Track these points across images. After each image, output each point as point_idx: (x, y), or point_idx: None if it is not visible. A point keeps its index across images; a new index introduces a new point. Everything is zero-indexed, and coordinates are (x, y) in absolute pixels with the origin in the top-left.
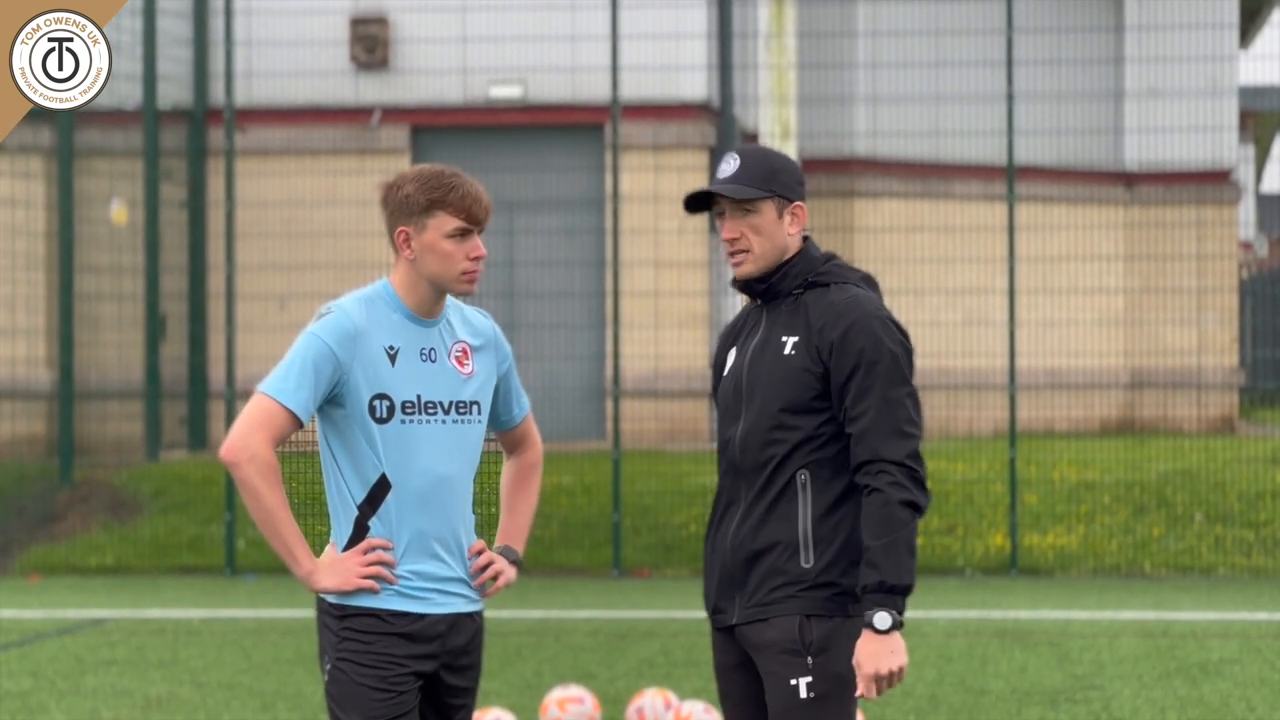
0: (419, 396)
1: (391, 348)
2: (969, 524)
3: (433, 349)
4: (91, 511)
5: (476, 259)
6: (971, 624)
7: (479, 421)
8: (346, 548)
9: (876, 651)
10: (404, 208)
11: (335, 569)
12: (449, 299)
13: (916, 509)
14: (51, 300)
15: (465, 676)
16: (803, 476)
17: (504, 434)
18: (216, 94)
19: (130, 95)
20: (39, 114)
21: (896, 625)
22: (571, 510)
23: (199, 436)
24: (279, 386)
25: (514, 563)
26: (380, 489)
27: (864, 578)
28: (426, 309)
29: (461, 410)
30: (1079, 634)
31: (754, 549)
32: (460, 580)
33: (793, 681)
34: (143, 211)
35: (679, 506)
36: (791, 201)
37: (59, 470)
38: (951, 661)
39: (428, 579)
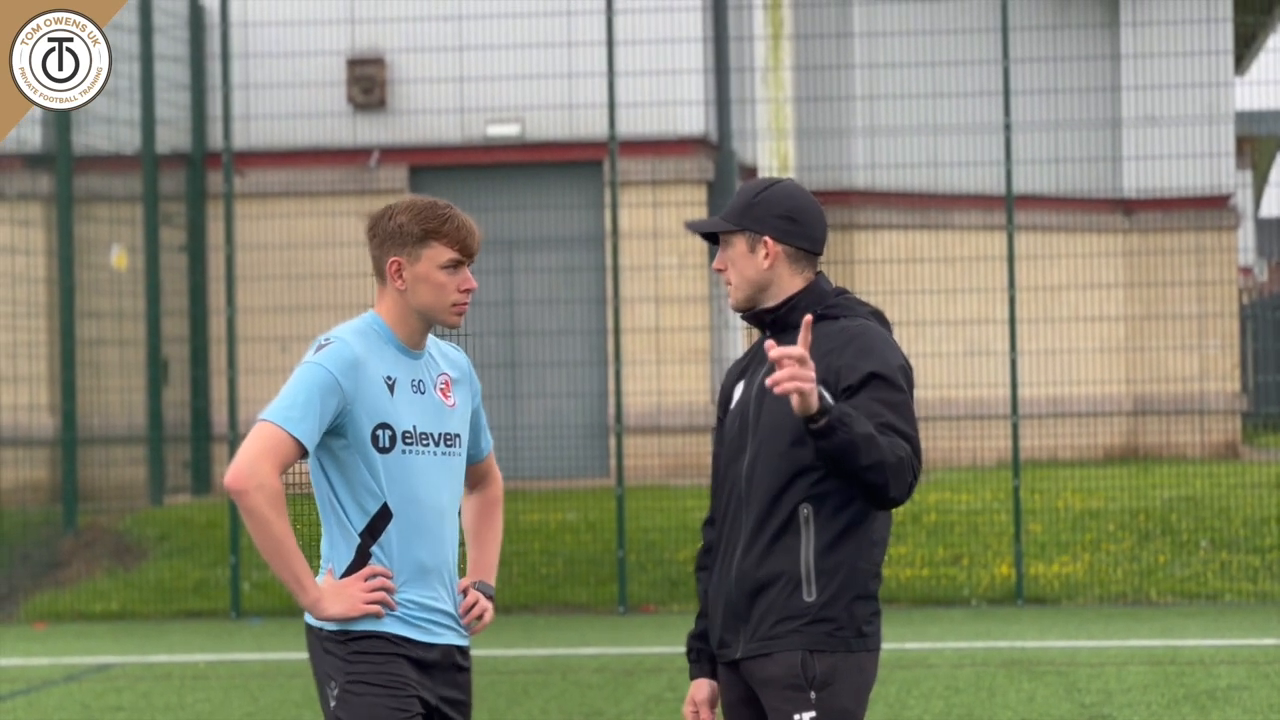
0: (415, 427)
1: (389, 378)
2: (974, 554)
3: (421, 380)
4: (96, 557)
5: (467, 291)
6: (978, 654)
7: (461, 454)
8: (346, 575)
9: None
10: (397, 238)
11: (340, 596)
12: None
13: (899, 474)
14: (53, 346)
15: (461, 713)
16: (805, 510)
17: (471, 469)
18: (215, 138)
19: (129, 140)
20: (38, 160)
21: (825, 411)
22: (576, 547)
23: (203, 480)
24: (285, 415)
25: (489, 597)
26: (381, 519)
27: (840, 411)
28: (415, 340)
29: (449, 442)
30: (1086, 663)
31: (758, 582)
32: (450, 614)
33: (796, 717)
34: (143, 256)
35: (684, 542)
36: (761, 235)
37: (63, 516)
38: (959, 692)
39: (424, 609)
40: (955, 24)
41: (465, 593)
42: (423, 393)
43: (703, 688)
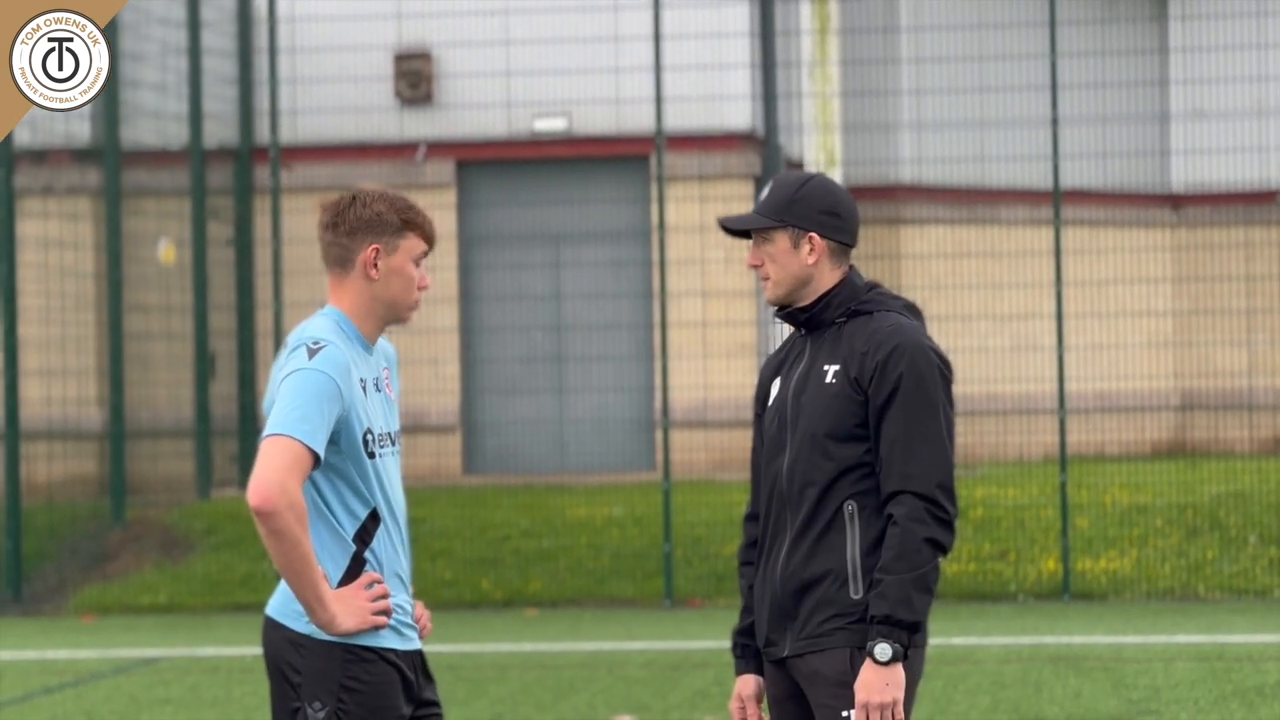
0: (381, 428)
1: (363, 380)
2: (1021, 549)
3: (377, 379)
4: (144, 550)
5: (423, 289)
6: (1025, 650)
7: (400, 452)
8: (342, 582)
9: (871, 681)
10: (375, 226)
11: (349, 610)
12: None
13: (939, 547)
14: (101, 340)
15: (433, 712)
16: (850, 507)
17: None
18: (262, 132)
19: (177, 135)
20: (86, 155)
21: (898, 657)
22: (623, 542)
23: (249, 474)
24: (301, 428)
25: None
26: (371, 523)
27: (873, 606)
28: (374, 337)
29: (397, 441)
30: (1133, 659)
31: (804, 580)
32: (414, 616)
33: (844, 714)
34: (190, 251)
35: (730, 536)
36: (806, 232)
37: (111, 510)
38: (1005, 688)
39: (404, 612)
40: (1002, 18)
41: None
42: (379, 390)
43: (749, 683)
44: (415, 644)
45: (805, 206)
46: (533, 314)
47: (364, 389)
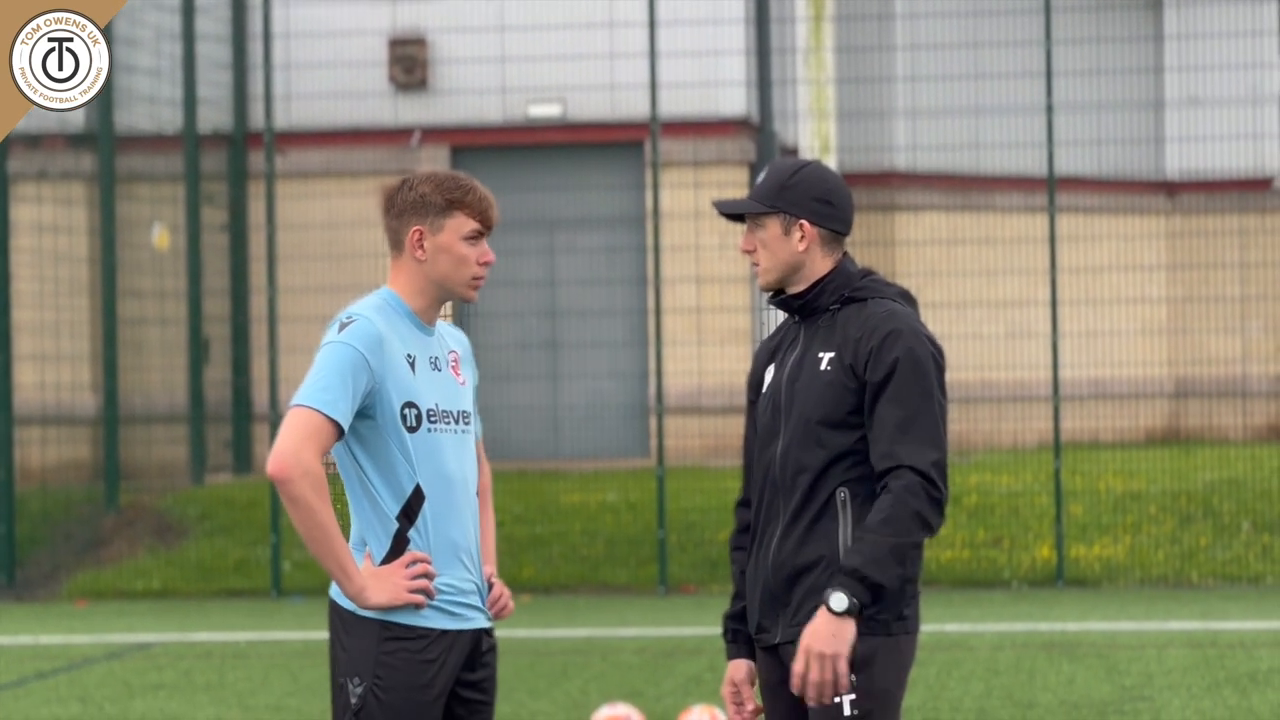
0: (437, 405)
1: (410, 355)
2: (1015, 536)
3: (436, 357)
4: (137, 536)
5: (485, 264)
6: (1019, 637)
7: (471, 433)
8: (384, 562)
9: (820, 629)
10: (419, 207)
11: (383, 584)
12: None
13: (926, 525)
14: (95, 325)
15: (485, 696)
16: (843, 494)
17: None
18: (256, 117)
19: (171, 120)
20: (81, 140)
21: (852, 612)
22: (616, 528)
23: (243, 459)
24: (321, 398)
25: None
26: (416, 500)
27: (845, 558)
28: (430, 316)
29: (464, 420)
30: (1127, 645)
31: (796, 567)
32: (477, 593)
33: (836, 699)
34: (184, 236)
35: (724, 522)
36: (797, 218)
37: (104, 495)
38: (999, 674)
39: (458, 591)
40: (997, 5)
41: (490, 581)
42: (439, 370)
43: (740, 668)
44: (473, 624)
45: (797, 193)
46: (527, 300)
47: (411, 364)
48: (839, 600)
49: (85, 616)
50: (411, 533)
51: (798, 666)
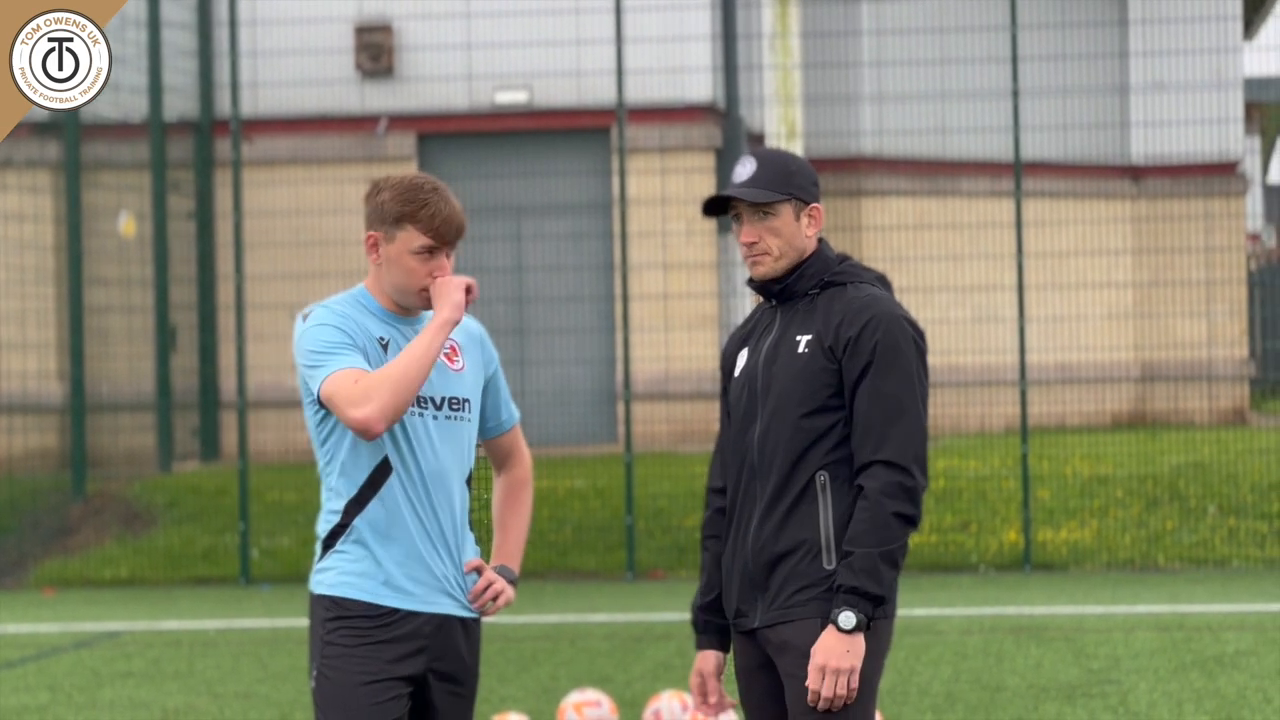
0: None
1: (382, 339)
2: (982, 521)
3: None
4: (105, 524)
5: (438, 277)
6: (986, 621)
7: (470, 421)
8: (331, 531)
9: (832, 646)
10: (377, 214)
11: (444, 300)
12: None
13: (908, 522)
14: (61, 314)
15: (458, 686)
16: (822, 477)
17: (493, 442)
18: (222, 105)
19: (136, 108)
20: (46, 128)
21: (861, 627)
22: (585, 514)
23: (211, 447)
24: (337, 362)
25: (511, 582)
26: (381, 472)
27: (841, 577)
28: (398, 310)
29: (454, 406)
30: (1094, 629)
31: (776, 552)
32: (454, 582)
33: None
34: (151, 223)
35: (692, 508)
36: (808, 204)
37: (71, 483)
38: (967, 658)
39: (421, 573)
40: None
41: (479, 572)
42: None
43: (709, 659)
44: (436, 608)
45: (802, 179)
46: (494, 286)
47: (383, 347)
48: (847, 619)
49: (53, 605)
50: (374, 501)
51: (813, 684)
